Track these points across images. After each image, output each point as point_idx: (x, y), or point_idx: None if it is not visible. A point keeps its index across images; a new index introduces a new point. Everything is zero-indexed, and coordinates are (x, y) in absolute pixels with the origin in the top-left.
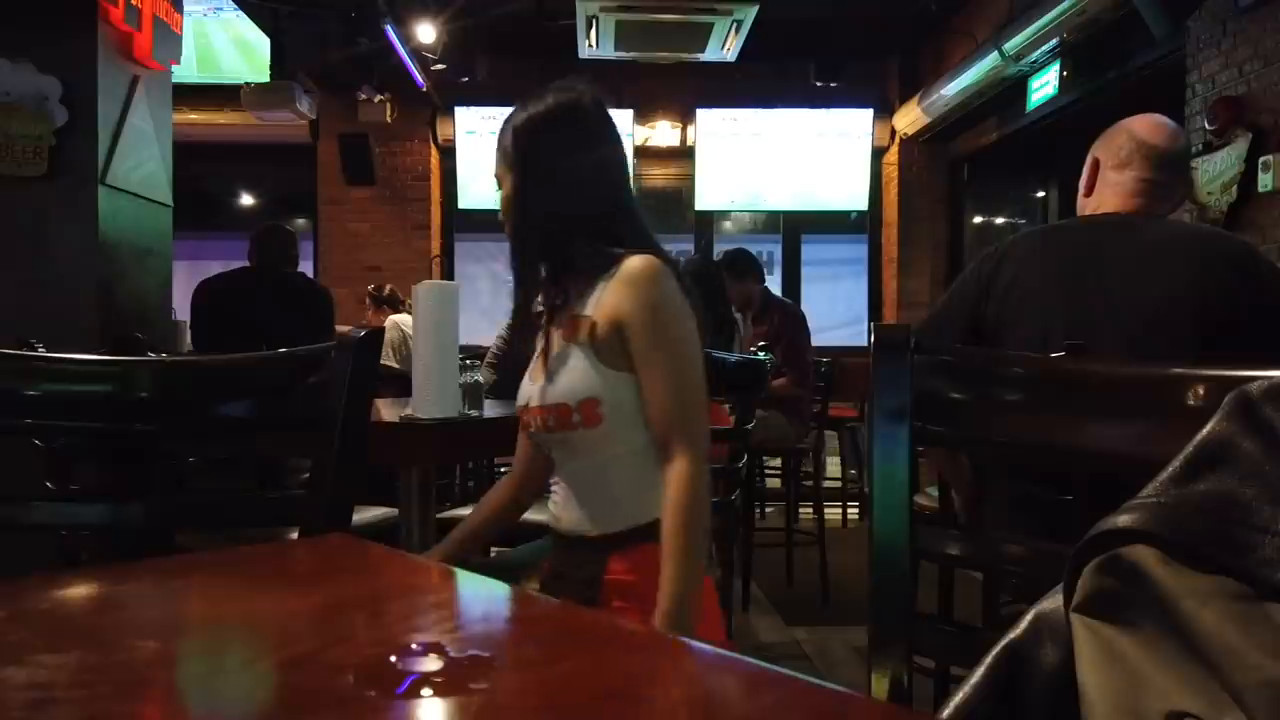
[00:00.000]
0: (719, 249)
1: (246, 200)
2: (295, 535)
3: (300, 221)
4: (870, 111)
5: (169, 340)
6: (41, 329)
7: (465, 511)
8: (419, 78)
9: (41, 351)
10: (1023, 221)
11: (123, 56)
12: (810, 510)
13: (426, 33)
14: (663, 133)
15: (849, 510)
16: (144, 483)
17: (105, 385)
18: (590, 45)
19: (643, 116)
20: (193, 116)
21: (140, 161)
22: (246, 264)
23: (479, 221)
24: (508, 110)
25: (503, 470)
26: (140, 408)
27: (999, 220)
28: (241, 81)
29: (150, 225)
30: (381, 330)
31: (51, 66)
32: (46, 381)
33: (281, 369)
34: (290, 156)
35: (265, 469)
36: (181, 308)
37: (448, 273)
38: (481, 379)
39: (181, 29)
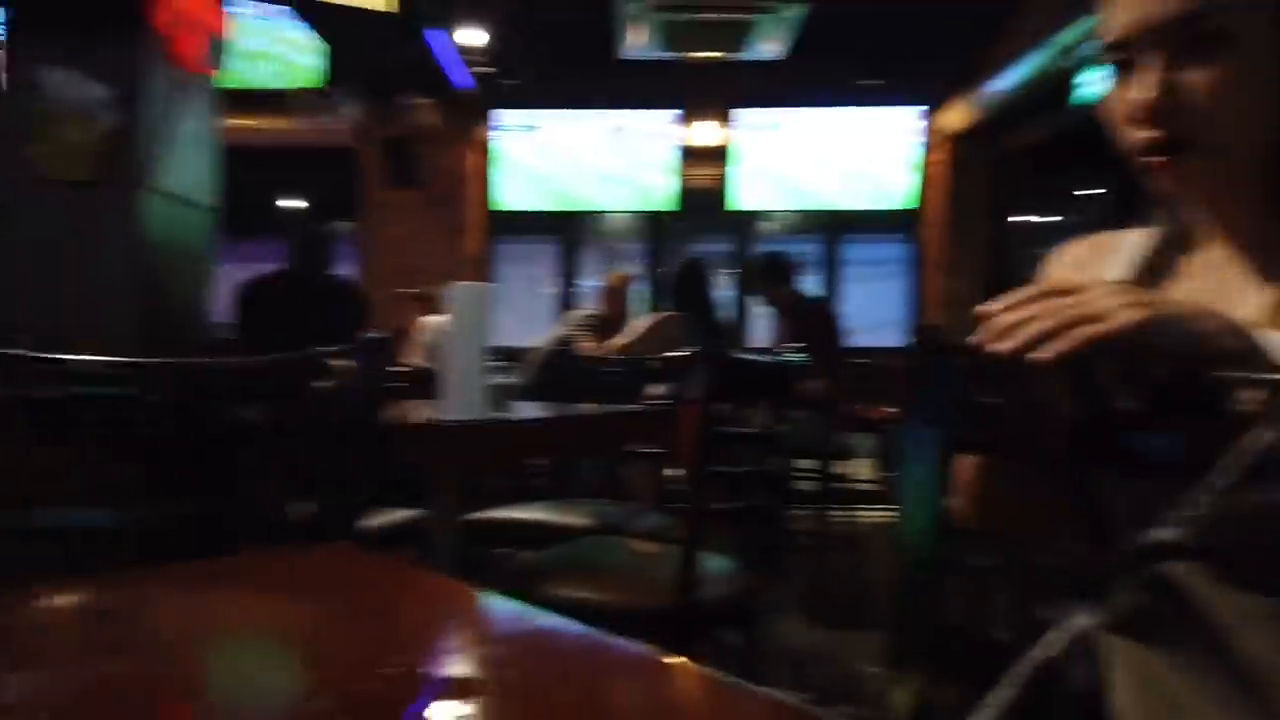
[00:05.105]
0: (760, 249)
1: (290, 204)
2: (302, 543)
3: (343, 225)
4: (916, 109)
5: (212, 342)
6: (86, 333)
7: (494, 514)
8: (462, 81)
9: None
10: (1071, 220)
11: (169, 62)
12: (844, 513)
13: (470, 37)
14: (704, 132)
15: (883, 514)
16: (153, 488)
17: (116, 388)
18: (634, 45)
19: (684, 116)
20: (238, 121)
21: (186, 166)
22: (284, 266)
23: (519, 224)
24: (550, 113)
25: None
26: (150, 410)
27: (1048, 219)
28: (287, 87)
29: (195, 229)
30: (389, 337)
31: (99, 72)
32: (57, 383)
33: (288, 372)
34: (334, 160)
35: (270, 475)
36: (222, 311)
37: (488, 275)
38: (515, 380)
39: (228, 35)
